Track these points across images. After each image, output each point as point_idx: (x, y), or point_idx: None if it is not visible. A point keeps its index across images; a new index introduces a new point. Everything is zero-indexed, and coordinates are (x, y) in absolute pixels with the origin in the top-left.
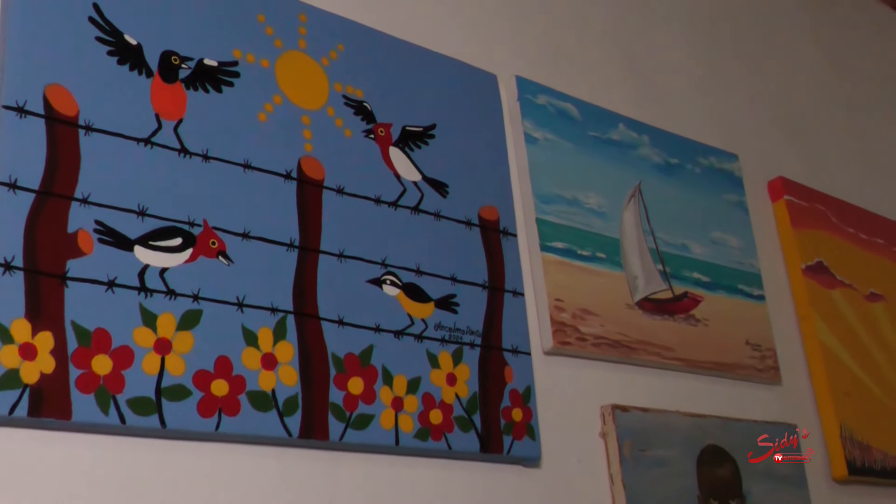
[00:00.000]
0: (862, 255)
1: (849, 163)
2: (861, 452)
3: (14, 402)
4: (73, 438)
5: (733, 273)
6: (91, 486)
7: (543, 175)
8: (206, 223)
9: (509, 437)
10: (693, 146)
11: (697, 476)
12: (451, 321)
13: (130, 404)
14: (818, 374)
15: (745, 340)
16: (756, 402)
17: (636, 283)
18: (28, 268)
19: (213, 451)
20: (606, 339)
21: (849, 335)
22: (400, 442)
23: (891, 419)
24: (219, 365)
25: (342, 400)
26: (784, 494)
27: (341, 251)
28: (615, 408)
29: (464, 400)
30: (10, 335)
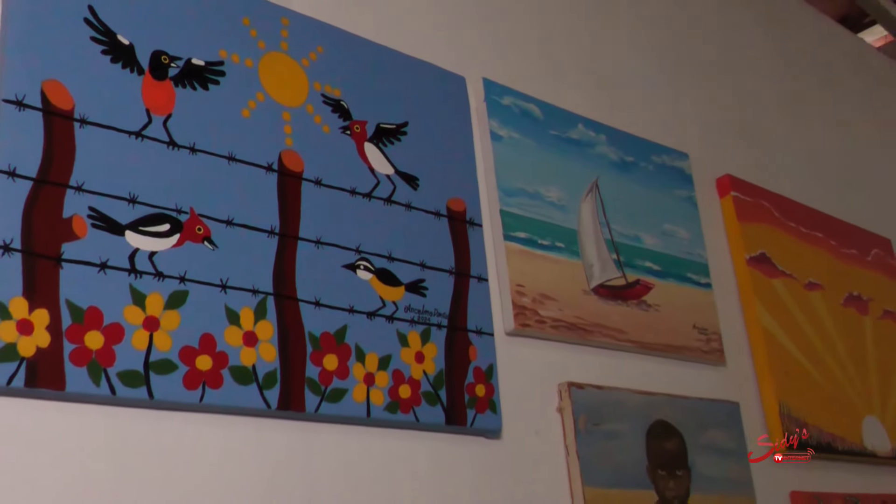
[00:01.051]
0: (802, 248)
1: (791, 163)
2: (798, 427)
3: (11, 374)
4: (66, 408)
5: (682, 262)
6: (83, 453)
7: (507, 170)
8: (192, 210)
9: (473, 410)
10: (647, 145)
11: (647, 448)
12: (420, 304)
13: (120, 377)
14: (759, 356)
15: (693, 324)
16: (702, 382)
17: (592, 271)
18: (25, 250)
19: (197, 421)
20: (564, 322)
21: (788, 321)
22: (371, 414)
23: (826, 398)
24: (203, 341)
25: (318, 375)
26: (727, 466)
27: (318, 238)
28: (571, 385)
29: (431, 376)
30: (9, 312)
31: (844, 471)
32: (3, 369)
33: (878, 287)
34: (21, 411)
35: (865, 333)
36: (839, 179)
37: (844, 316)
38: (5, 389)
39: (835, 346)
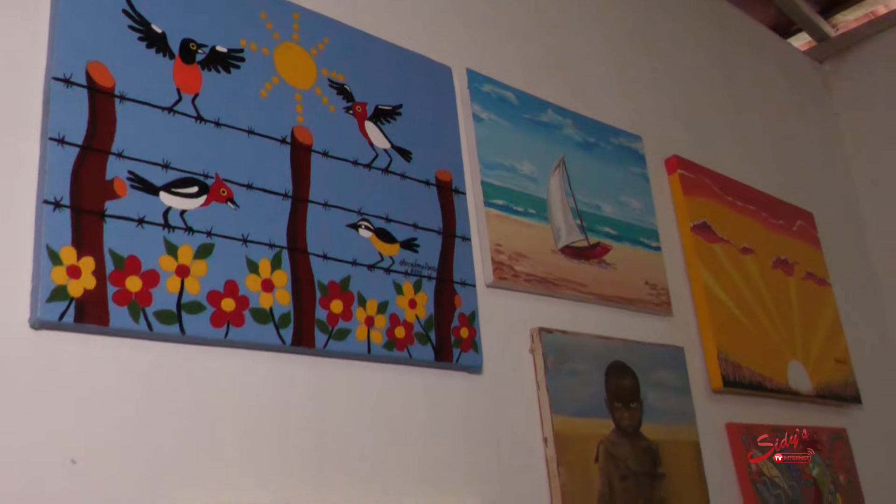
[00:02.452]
0: (737, 218)
1: (729, 146)
2: (733, 369)
3: (63, 311)
4: (110, 342)
5: (636, 228)
6: (123, 381)
7: (487, 147)
8: (217, 176)
9: (458, 350)
10: (606, 128)
11: (605, 385)
12: (413, 259)
13: (157, 315)
14: (701, 308)
15: (645, 281)
16: (652, 329)
17: (559, 234)
18: (73, 206)
19: (222, 354)
20: (535, 277)
21: (726, 279)
22: (371, 351)
23: (756, 345)
24: (227, 287)
25: (326, 317)
26: (673, 400)
27: (326, 201)
28: (541, 330)
29: (422, 320)
30: (59, 258)
31: (771, 406)
32: (55, 307)
33: (802, 253)
34: (70, 344)
35: (791, 292)
36: (770, 161)
37: (773, 276)
38: (57, 325)
39: (765, 301)
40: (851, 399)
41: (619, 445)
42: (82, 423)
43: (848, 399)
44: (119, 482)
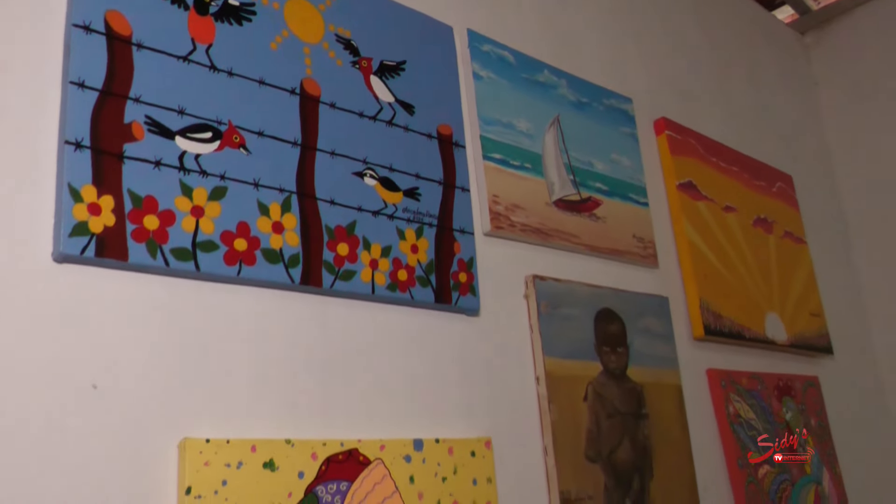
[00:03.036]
0: (721, 178)
1: (715, 110)
2: (714, 319)
3: (84, 246)
4: (128, 276)
5: (626, 185)
6: (141, 314)
7: (486, 104)
8: (230, 123)
9: (456, 293)
10: (599, 90)
11: (594, 330)
12: (415, 207)
13: (173, 252)
14: (685, 261)
15: (633, 234)
16: (639, 280)
17: (553, 188)
18: (94, 147)
19: (235, 291)
20: (530, 227)
21: (709, 235)
22: (375, 292)
23: (736, 297)
24: (240, 228)
25: (332, 259)
26: (657, 346)
27: (333, 150)
28: (535, 277)
29: (423, 265)
30: (81, 196)
31: (749, 355)
32: (77, 242)
33: (781, 213)
34: (91, 278)
35: (769, 248)
36: (752, 126)
37: (753, 234)
38: (78, 258)
39: (745, 257)
40: (824, 349)
41: (607, 386)
42: (103, 351)
43: (820, 349)
44: (137, 407)
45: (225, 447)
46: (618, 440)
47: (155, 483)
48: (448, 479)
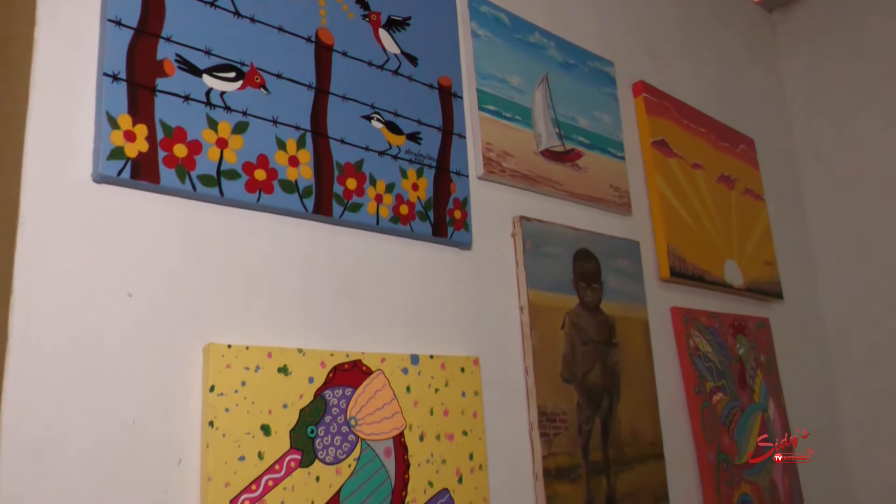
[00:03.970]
0: (690, 139)
1: (687, 76)
2: (679, 263)
3: (120, 168)
4: (160, 198)
5: (605, 140)
6: (171, 232)
7: (483, 60)
8: (252, 65)
9: (452, 228)
10: (584, 53)
11: (573, 267)
12: (417, 149)
13: (200, 178)
14: (655, 210)
15: (610, 184)
16: (614, 225)
17: (540, 139)
18: (129, 80)
19: (255, 217)
20: (519, 173)
21: (678, 188)
22: (379, 223)
23: (700, 244)
24: (260, 160)
25: (342, 192)
26: (628, 284)
27: (344, 94)
28: (522, 218)
29: (423, 201)
30: (118, 123)
31: (709, 296)
32: (113, 165)
33: (742, 172)
34: (127, 198)
35: (731, 203)
36: (721, 93)
37: (717, 189)
38: (115, 180)
39: (709, 209)
40: (775, 294)
41: (582, 317)
42: (137, 264)
43: (772, 294)
44: (168, 314)
45: (244, 352)
46: (590, 365)
47: (183, 381)
48: (440, 390)
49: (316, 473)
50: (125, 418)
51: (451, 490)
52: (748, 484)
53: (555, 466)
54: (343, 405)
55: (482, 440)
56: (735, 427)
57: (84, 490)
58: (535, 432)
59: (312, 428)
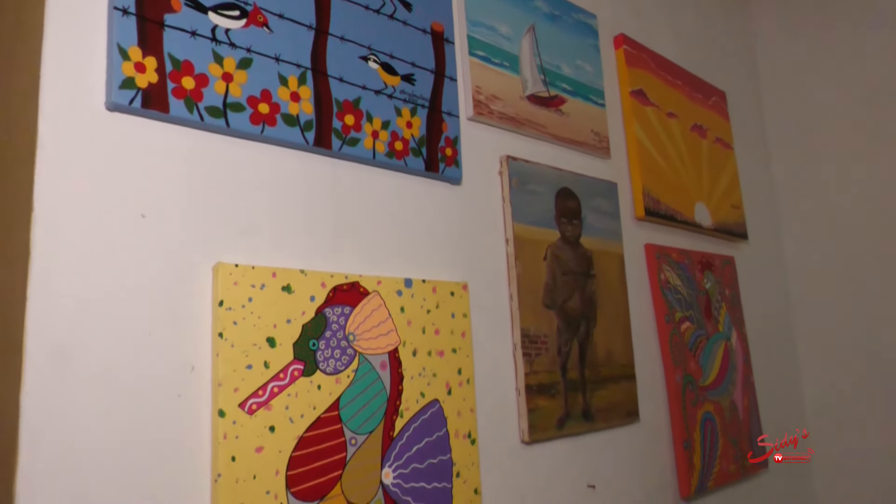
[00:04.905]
0: (667, 90)
1: (665, 31)
2: (653, 203)
3: (132, 98)
4: (169, 128)
5: (587, 88)
6: (180, 159)
7: (474, 8)
8: (255, 4)
9: (443, 164)
10: (569, 5)
11: (555, 204)
12: (411, 90)
13: (207, 110)
14: (632, 155)
15: (591, 129)
16: (594, 167)
17: (526, 84)
18: (139, 14)
19: (259, 148)
20: (506, 115)
21: (654, 135)
22: (376, 157)
23: (672, 187)
24: (263, 94)
25: (341, 127)
26: (606, 221)
27: (342, 36)
28: (509, 157)
29: (416, 138)
30: (128, 55)
31: (680, 235)
32: (125, 94)
33: (714, 122)
34: (138, 126)
35: (702, 150)
36: (696, 47)
37: (690, 137)
38: (127, 108)
39: (682, 155)
40: (740, 235)
41: (563, 250)
42: (149, 188)
43: (738, 235)
44: (179, 234)
45: (250, 271)
46: (569, 293)
47: (194, 297)
48: (431, 311)
49: (317, 382)
50: (142, 329)
51: (441, 400)
52: (711, 403)
53: (536, 383)
54: (342, 322)
55: (470, 357)
56: (700, 353)
57: (105, 392)
58: (518, 352)
59: (314, 341)
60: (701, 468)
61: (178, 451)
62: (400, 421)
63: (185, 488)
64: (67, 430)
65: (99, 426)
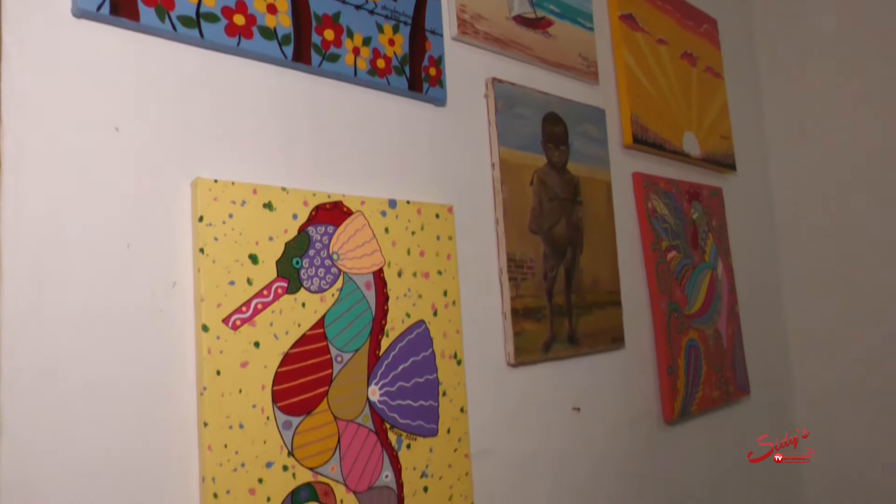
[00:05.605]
0: (657, 15)
1: None
2: (641, 131)
3: (100, 3)
4: (141, 38)
5: (575, 10)
6: (154, 70)
7: None
8: None
9: (427, 84)
10: None
11: (542, 129)
12: (392, 6)
13: (179, 19)
14: (621, 80)
15: (579, 53)
16: (581, 92)
17: (512, 5)
18: None
19: (235, 62)
20: (492, 36)
21: (643, 62)
22: (357, 75)
23: (661, 115)
24: (238, 5)
25: (320, 42)
26: (593, 148)
27: None
28: (494, 80)
29: (399, 56)
30: None
31: (668, 164)
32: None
33: (704, 50)
34: (108, 35)
35: (692, 79)
36: None
37: (680, 65)
38: (95, 15)
39: (671, 83)
40: (728, 166)
41: (550, 176)
42: (122, 101)
43: (726, 165)
44: (155, 149)
45: (230, 187)
46: (556, 219)
47: (173, 212)
48: (416, 233)
49: (302, 300)
50: (120, 242)
51: (426, 321)
52: (696, 331)
53: (522, 307)
54: (325, 241)
55: (455, 280)
56: (686, 282)
57: (84, 308)
58: (504, 276)
59: (297, 260)
60: (684, 393)
61: (163, 365)
62: (385, 340)
63: (171, 402)
64: (46, 347)
65: (79, 340)
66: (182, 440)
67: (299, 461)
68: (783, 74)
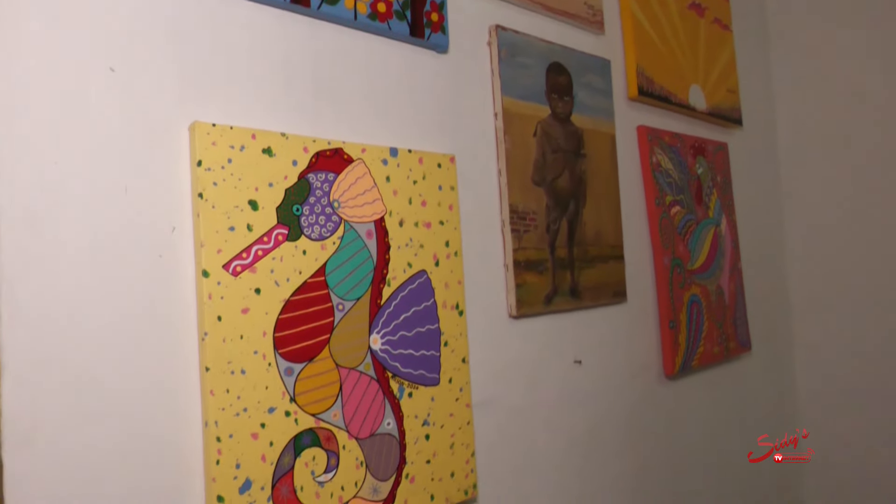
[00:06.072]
0: None
1: None
2: (647, 83)
3: None
4: None
5: None
6: (147, 11)
7: None
8: None
9: (429, 30)
10: None
11: (546, 79)
12: None
13: None
14: (627, 31)
15: (584, 1)
16: (586, 42)
17: None
18: None
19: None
20: None
21: (649, 11)
22: (357, 19)
23: (668, 68)
24: None
25: None
26: (598, 100)
27: None
28: (498, 27)
29: (400, 1)
30: None
31: (673, 118)
32: None
33: (713, 1)
34: None
35: (700, 31)
36: None
37: (688, 16)
38: None
39: (678, 34)
40: (735, 121)
41: (553, 127)
42: (116, 40)
43: (732, 120)
44: (151, 91)
45: (229, 132)
46: (559, 171)
47: (171, 156)
48: (418, 182)
49: (303, 247)
50: (118, 185)
51: (428, 271)
52: (698, 286)
53: (524, 259)
54: (326, 188)
55: (457, 230)
56: (690, 237)
57: (82, 250)
58: (506, 228)
59: (298, 207)
60: (686, 348)
61: (163, 310)
62: (387, 289)
63: (172, 347)
64: (46, 290)
65: (79, 284)
66: (185, 385)
67: (301, 407)
68: (793, 28)
